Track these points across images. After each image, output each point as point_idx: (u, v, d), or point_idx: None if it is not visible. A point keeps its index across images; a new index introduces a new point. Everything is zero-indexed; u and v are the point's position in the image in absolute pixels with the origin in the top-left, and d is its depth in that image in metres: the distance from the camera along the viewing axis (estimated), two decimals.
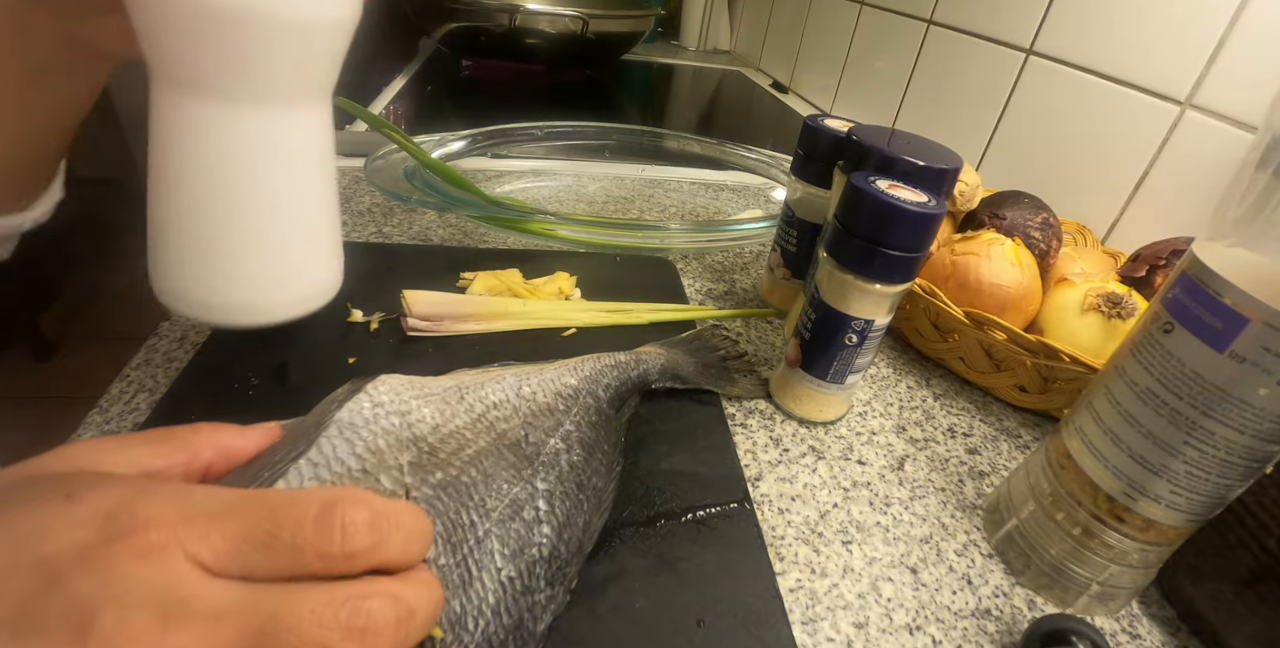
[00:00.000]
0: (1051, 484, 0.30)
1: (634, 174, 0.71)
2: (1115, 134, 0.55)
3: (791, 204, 0.46)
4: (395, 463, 0.23)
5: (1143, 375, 0.26)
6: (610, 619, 0.25)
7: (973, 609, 0.29)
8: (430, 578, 0.19)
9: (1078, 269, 0.46)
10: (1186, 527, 0.27)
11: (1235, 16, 0.46)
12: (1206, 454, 0.24)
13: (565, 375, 0.32)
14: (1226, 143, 0.47)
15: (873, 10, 0.92)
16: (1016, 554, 0.31)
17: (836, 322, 0.34)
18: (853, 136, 0.37)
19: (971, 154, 0.71)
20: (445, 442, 0.25)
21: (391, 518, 0.18)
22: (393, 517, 0.18)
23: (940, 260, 0.44)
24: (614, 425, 0.32)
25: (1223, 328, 0.23)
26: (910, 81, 0.84)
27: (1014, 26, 0.66)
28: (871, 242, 0.32)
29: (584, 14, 0.95)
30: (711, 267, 0.54)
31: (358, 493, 0.18)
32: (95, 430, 0.31)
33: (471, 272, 0.45)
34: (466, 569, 0.22)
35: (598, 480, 0.29)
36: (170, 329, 0.38)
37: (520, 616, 0.23)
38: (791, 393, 0.38)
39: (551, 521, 0.25)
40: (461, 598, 0.21)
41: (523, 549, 0.24)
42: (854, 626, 0.28)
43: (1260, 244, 0.23)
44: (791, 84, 1.20)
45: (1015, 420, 0.42)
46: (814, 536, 0.32)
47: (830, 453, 0.37)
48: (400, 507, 0.19)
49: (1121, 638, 0.29)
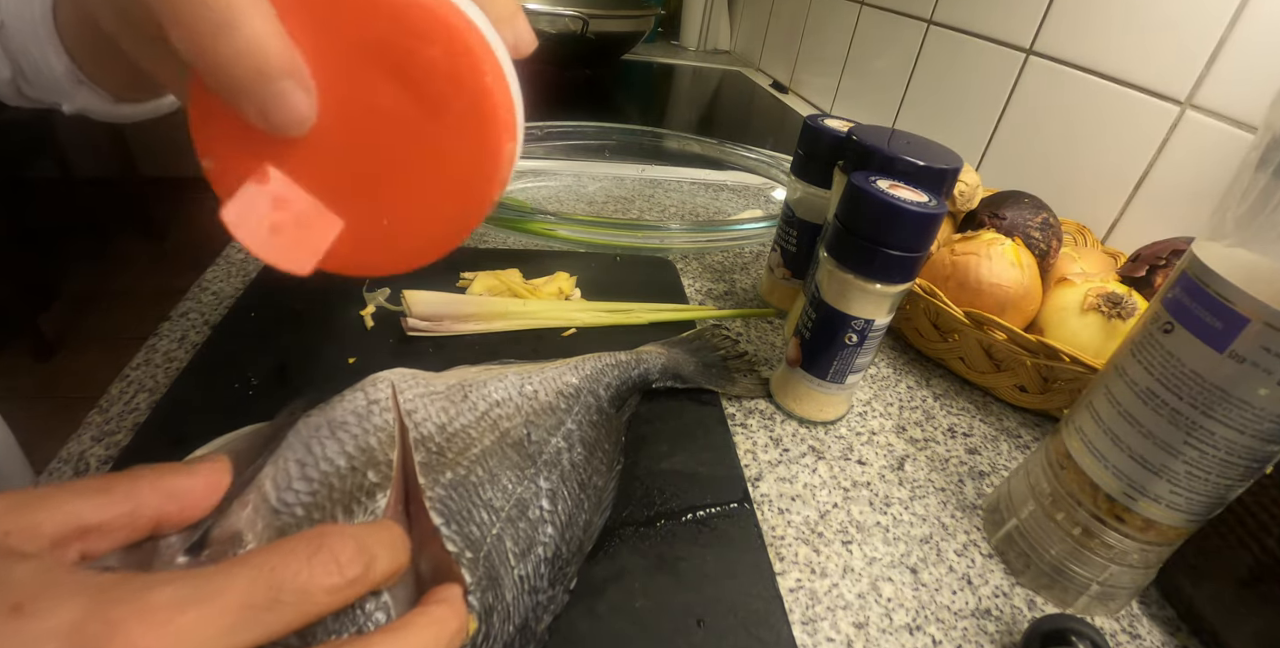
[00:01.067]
0: (1051, 484, 0.30)
1: (634, 174, 0.71)
2: (1115, 134, 0.55)
3: (791, 204, 0.46)
4: (384, 459, 0.23)
5: (1143, 375, 0.26)
6: (610, 619, 0.25)
7: (973, 609, 0.29)
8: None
9: (1078, 269, 0.46)
10: (1186, 527, 0.27)
11: (1235, 16, 0.46)
12: (1206, 454, 0.24)
13: (566, 374, 0.32)
14: (1226, 143, 0.47)
15: (873, 10, 0.92)
16: (1016, 554, 0.31)
17: (837, 321, 0.34)
18: (853, 136, 0.37)
19: (971, 154, 0.71)
20: (452, 441, 0.25)
21: (372, 537, 0.19)
22: (372, 536, 0.19)
23: (940, 260, 0.44)
24: (615, 424, 0.32)
25: (1223, 328, 0.23)
26: (910, 81, 0.84)
27: (1014, 26, 0.66)
28: (872, 241, 0.32)
29: (584, 14, 0.95)
30: (711, 267, 0.54)
31: (331, 527, 0.18)
32: (95, 430, 0.31)
33: (471, 272, 0.45)
34: (492, 565, 0.22)
35: (598, 479, 0.29)
36: (170, 329, 0.38)
37: (525, 615, 0.23)
38: (792, 393, 0.38)
39: (555, 520, 0.25)
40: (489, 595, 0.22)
41: (530, 548, 0.24)
42: (854, 626, 0.28)
43: (1260, 244, 0.23)
44: (791, 84, 1.20)
45: (1015, 420, 0.42)
46: (814, 536, 0.32)
47: (830, 453, 0.37)
48: (373, 526, 0.19)
49: (1121, 638, 0.29)
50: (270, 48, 0.15)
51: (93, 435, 0.31)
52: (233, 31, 0.15)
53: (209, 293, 0.42)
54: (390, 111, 0.17)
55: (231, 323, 0.38)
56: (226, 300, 0.41)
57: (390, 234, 0.19)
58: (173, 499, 0.19)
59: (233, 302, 0.41)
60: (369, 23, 0.16)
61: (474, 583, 0.21)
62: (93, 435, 0.31)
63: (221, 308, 0.41)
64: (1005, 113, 0.67)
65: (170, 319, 0.39)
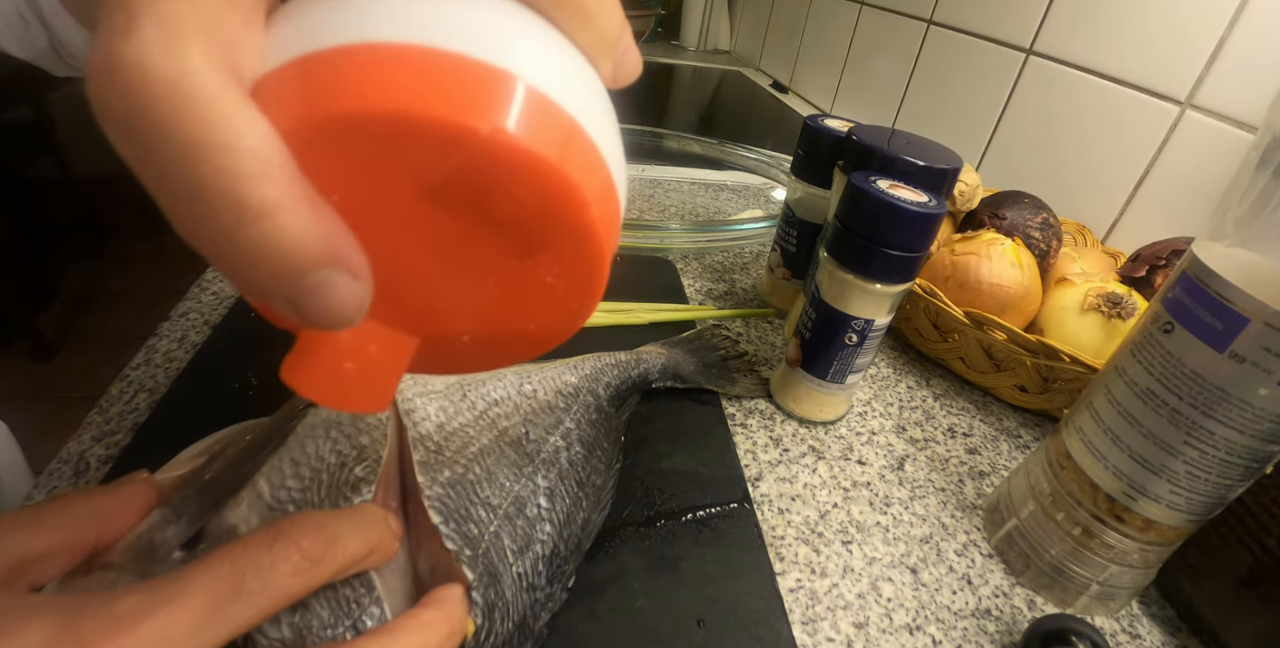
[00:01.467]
0: (1051, 484, 0.30)
1: (634, 174, 0.71)
2: (1115, 134, 0.55)
3: (791, 204, 0.46)
4: (374, 456, 0.23)
5: (1143, 375, 0.26)
6: (610, 619, 0.25)
7: (973, 609, 0.29)
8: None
9: (1078, 269, 0.46)
10: (1186, 527, 0.27)
11: (1235, 16, 0.46)
12: (1206, 454, 0.24)
13: (566, 374, 0.32)
14: (1226, 143, 0.47)
15: (873, 10, 0.92)
16: (1016, 554, 0.31)
17: (837, 321, 0.34)
18: (853, 136, 0.37)
19: (971, 154, 0.71)
20: (450, 440, 0.25)
21: (337, 518, 0.19)
22: (338, 517, 0.19)
23: (940, 260, 0.44)
24: (614, 424, 0.32)
25: (1223, 328, 0.23)
26: (910, 81, 0.84)
27: (1014, 26, 0.66)
28: (872, 241, 0.32)
29: None
30: (711, 267, 0.54)
31: (294, 515, 0.18)
32: (95, 430, 0.31)
33: None
34: (491, 562, 0.22)
35: (597, 478, 0.29)
36: (170, 329, 0.38)
37: (524, 612, 0.23)
38: (792, 393, 0.38)
39: (553, 518, 0.25)
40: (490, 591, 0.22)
41: (528, 546, 0.24)
42: (854, 626, 0.28)
43: (1260, 244, 0.23)
44: (791, 84, 1.20)
45: (1015, 420, 0.42)
46: (814, 536, 0.32)
47: (830, 453, 0.37)
48: (343, 510, 0.20)
49: (1121, 638, 0.29)
50: (297, 240, 0.11)
51: (93, 435, 0.31)
52: (241, 231, 0.10)
53: (209, 293, 0.42)
54: (470, 249, 0.13)
55: (231, 323, 0.38)
56: (226, 300, 0.41)
57: (472, 349, 0.16)
58: (105, 520, 0.19)
59: (233, 302, 0.41)
60: (431, 159, 0.11)
61: (475, 580, 0.21)
62: (93, 435, 0.31)
63: (221, 308, 0.41)
64: (1005, 113, 0.67)
65: (170, 319, 0.39)
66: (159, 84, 0.10)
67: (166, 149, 0.10)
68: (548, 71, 0.12)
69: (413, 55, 0.11)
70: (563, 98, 0.12)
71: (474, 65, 0.11)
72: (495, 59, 0.12)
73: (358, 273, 0.12)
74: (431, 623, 0.19)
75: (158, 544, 0.19)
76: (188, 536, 0.20)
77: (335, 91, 0.11)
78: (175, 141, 0.10)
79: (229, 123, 0.10)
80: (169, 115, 0.10)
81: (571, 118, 0.13)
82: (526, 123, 0.11)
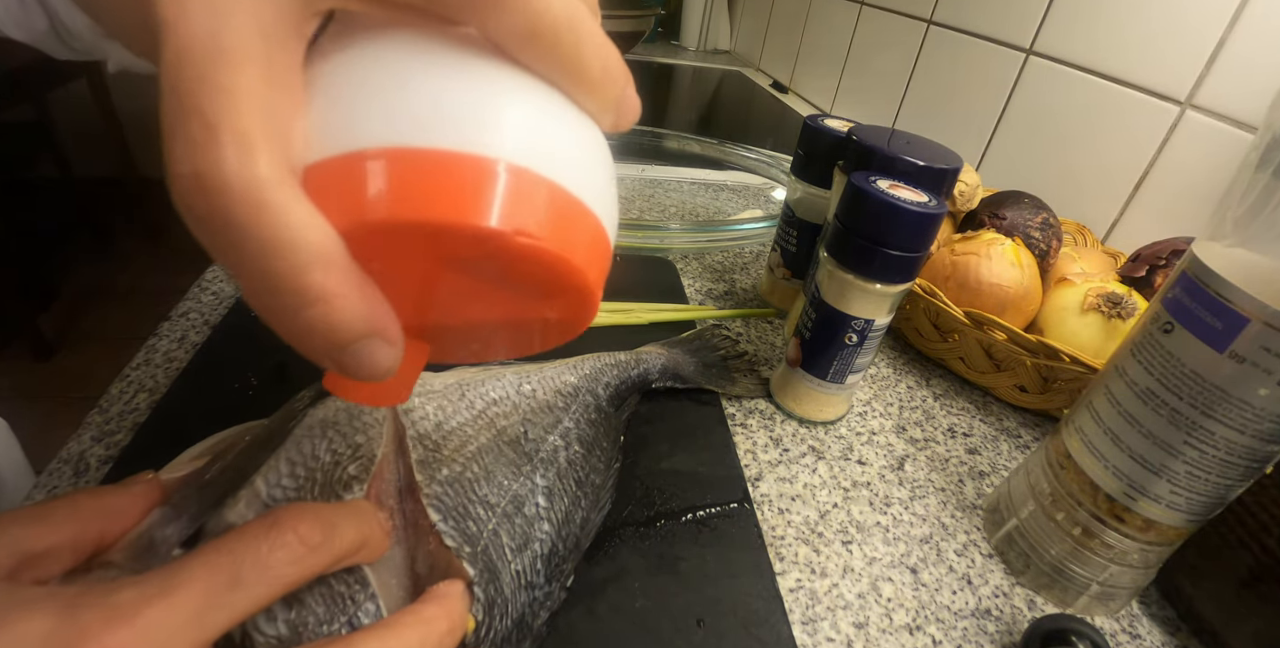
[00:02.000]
0: (1051, 484, 0.30)
1: (634, 174, 0.71)
2: (1115, 134, 0.55)
3: (791, 204, 0.46)
4: (368, 454, 0.23)
5: (1143, 375, 0.26)
6: (610, 619, 0.25)
7: (973, 609, 0.29)
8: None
9: (1078, 269, 0.46)
10: (1186, 527, 0.27)
11: (1235, 16, 0.46)
12: (1206, 454, 0.24)
13: (565, 373, 0.32)
14: (1226, 143, 0.47)
15: (873, 10, 0.92)
16: (1016, 554, 0.31)
17: (837, 321, 0.34)
18: (853, 136, 0.37)
19: (971, 154, 0.71)
20: (448, 439, 0.25)
21: (332, 509, 0.19)
22: (334, 508, 0.19)
23: (940, 260, 0.44)
24: (613, 424, 0.32)
25: (1223, 328, 0.23)
26: (910, 81, 0.84)
27: (1014, 26, 0.66)
28: (872, 241, 0.32)
29: None
30: (711, 267, 0.54)
31: (290, 506, 0.18)
32: (95, 430, 0.31)
33: None
34: (489, 560, 0.22)
35: (596, 477, 0.29)
36: (170, 329, 0.38)
37: (522, 611, 0.23)
38: (792, 393, 0.38)
39: (551, 517, 0.25)
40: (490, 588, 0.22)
41: (526, 544, 0.24)
42: (854, 626, 0.28)
43: (1260, 244, 0.23)
44: (791, 84, 1.20)
45: (1015, 420, 0.42)
46: (814, 536, 0.32)
47: (830, 453, 0.37)
48: (337, 504, 0.20)
49: (1121, 638, 0.29)
50: (347, 319, 0.13)
51: (93, 435, 0.31)
52: (302, 311, 0.12)
53: (209, 293, 0.42)
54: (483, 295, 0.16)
55: (231, 323, 0.38)
56: (226, 300, 0.41)
57: (473, 349, 0.19)
58: (110, 519, 0.19)
59: (233, 302, 0.41)
60: (462, 250, 0.14)
61: (475, 576, 0.22)
62: (93, 435, 0.31)
63: (221, 308, 0.41)
64: (1005, 113, 0.67)
65: (170, 319, 0.39)
66: (237, 195, 0.12)
67: (244, 246, 0.12)
68: (560, 159, 0.14)
69: (448, 163, 0.13)
70: (572, 182, 0.14)
71: (500, 170, 0.13)
72: (517, 158, 0.14)
73: (393, 341, 0.14)
74: (432, 618, 0.19)
75: (158, 542, 0.19)
76: (188, 534, 0.20)
77: (384, 198, 0.13)
78: (251, 240, 0.12)
79: (293, 225, 0.12)
80: (245, 221, 0.12)
81: (577, 199, 0.15)
82: (542, 223, 0.14)
